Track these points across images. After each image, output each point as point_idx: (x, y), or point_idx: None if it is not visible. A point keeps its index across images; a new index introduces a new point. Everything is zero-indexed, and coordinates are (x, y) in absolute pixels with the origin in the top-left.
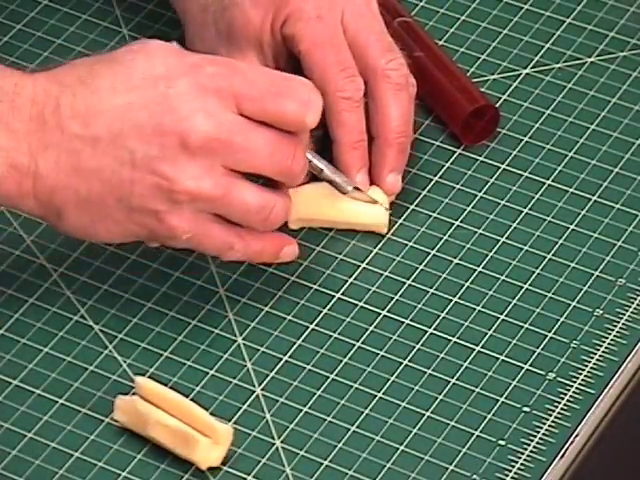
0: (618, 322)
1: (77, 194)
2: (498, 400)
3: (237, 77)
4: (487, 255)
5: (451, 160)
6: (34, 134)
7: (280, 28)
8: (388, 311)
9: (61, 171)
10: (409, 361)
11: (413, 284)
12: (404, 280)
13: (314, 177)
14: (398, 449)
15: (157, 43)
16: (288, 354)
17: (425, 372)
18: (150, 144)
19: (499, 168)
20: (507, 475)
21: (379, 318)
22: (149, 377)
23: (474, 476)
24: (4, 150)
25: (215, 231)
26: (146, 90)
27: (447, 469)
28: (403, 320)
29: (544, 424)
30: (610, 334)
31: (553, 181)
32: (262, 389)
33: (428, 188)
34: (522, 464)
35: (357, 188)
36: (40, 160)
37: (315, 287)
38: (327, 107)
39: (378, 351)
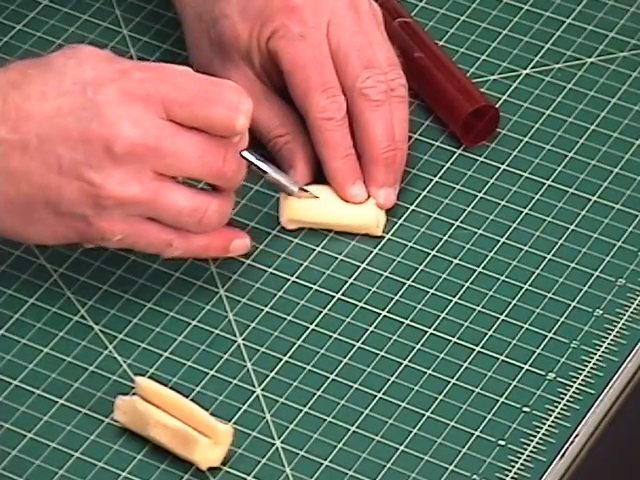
0: (618, 322)
1: (7, 197)
2: (498, 400)
3: (165, 83)
4: (487, 255)
5: (451, 160)
6: None
7: (266, 43)
8: (388, 311)
9: None
10: (409, 361)
11: (413, 284)
12: (404, 280)
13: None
14: (398, 449)
15: (89, 49)
16: (288, 354)
17: (425, 372)
18: (76, 150)
19: (499, 168)
20: (507, 475)
21: (379, 318)
22: (149, 377)
23: (474, 476)
24: None
25: (150, 230)
26: (75, 96)
27: (447, 469)
28: (403, 320)
29: (544, 424)
30: (610, 334)
31: (553, 181)
32: (262, 389)
33: (428, 188)
34: (522, 464)
35: (302, 189)
36: None
37: (315, 287)
38: (310, 128)
39: (378, 351)
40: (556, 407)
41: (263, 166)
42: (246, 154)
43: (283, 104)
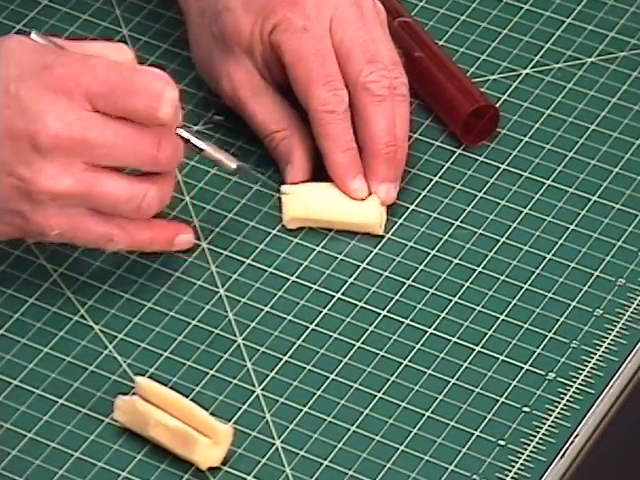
0: (618, 322)
1: None
2: (498, 400)
3: (87, 75)
4: (487, 255)
5: (451, 160)
6: None
7: (268, 36)
8: (388, 311)
9: None
10: (409, 361)
11: (413, 284)
12: (404, 280)
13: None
14: (398, 449)
15: (13, 41)
16: (288, 354)
17: (425, 372)
18: (4, 147)
19: (499, 168)
20: (507, 475)
21: (379, 318)
22: (149, 377)
23: (474, 476)
24: None
25: (89, 224)
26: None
27: (447, 469)
28: (403, 320)
29: (544, 424)
30: (610, 334)
31: (553, 181)
32: (262, 389)
33: (428, 188)
34: (522, 464)
35: (241, 166)
36: None
37: (315, 287)
38: (311, 121)
39: (378, 351)
40: (556, 407)
41: (200, 144)
42: (182, 132)
43: (282, 100)
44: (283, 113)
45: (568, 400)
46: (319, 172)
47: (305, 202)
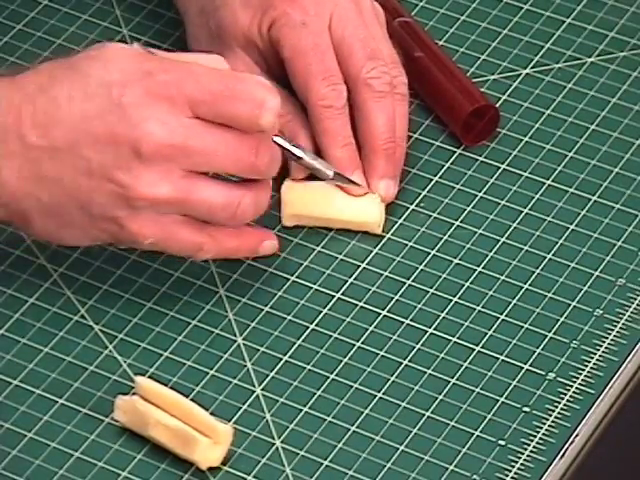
0: (618, 322)
1: (39, 201)
2: (498, 400)
3: (189, 82)
4: (487, 255)
5: (451, 160)
6: None
7: (267, 31)
8: (388, 311)
9: (23, 179)
10: (409, 361)
11: (413, 284)
12: (404, 280)
13: (312, 176)
14: (398, 449)
15: (115, 48)
16: (288, 354)
17: (425, 372)
18: (104, 153)
19: (499, 168)
20: (507, 475)
21: (379, 318)
22: (149, 377)
23: (474, 476)
24: None
25: (182, 234)
26: (101, 99)
27: (447, 469)
28: (403, 320)
29: (544, 424)
30: (610, 334)
31: (553, 181)
32: (262, 389)
33: (428, 188)
34: (522, 464)
35: (338, 173)
36: (3, 168)
37: (315, 287)
38: (310, 116)
39: (378, 351)
40: (556, 407)
41: (297, 151)
42: (279, 140)
43: (282, 90)
44: (285, 100)
45: (568, 400)
46: None
47: (304, 199)
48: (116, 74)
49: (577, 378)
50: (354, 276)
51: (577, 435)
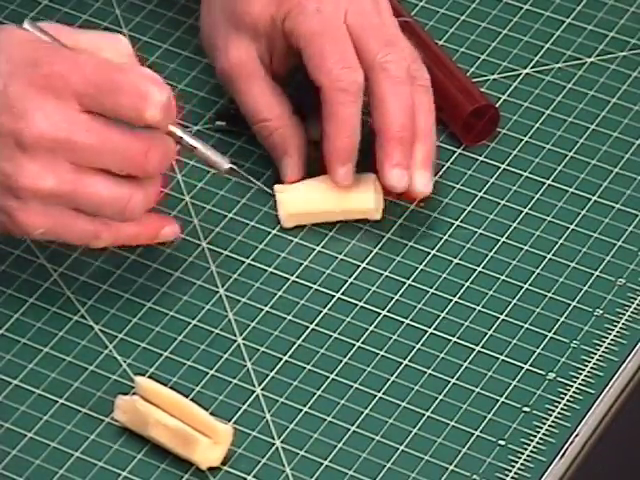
0: (618, 322)
1: None
2: (498, 400)
3: (75, 75)
4: (487, 255)
5: (451, 160)
6: None
7: (282, 23)
8: (388, 311)
9: None
10: (409, 361)
11: (413, 284)
12: (404, 280)
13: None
14: (398, 449)
15: (7, 33)
16: (288, 354)
17: (425, 372)
18: None
19: (499, 168)
20: (507, 475)
21: (379, 318)
22: (149, 377)
23: (474, 476)
24: None
25: (75, 224)
26: None
27: (447, 469)
28: (403, 320)
29: (544, 424)
30: (610, 334)
31: (553, 181)
32: (262, 389)
33: None
34: (522, 464)
35: (233, 166)
36: None
37: (315, 287)
38: (323, 101)
39: (378, 351)
40: (556, 407)
41: (192, 142)
42: (174, 129)
43: (278, 90)
44: (279, 101)
45: (568, 400)
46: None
47: (299, 197)
48: (5, 64)
49: (577, 378)
50: (354, 276)
51: (577, 435)
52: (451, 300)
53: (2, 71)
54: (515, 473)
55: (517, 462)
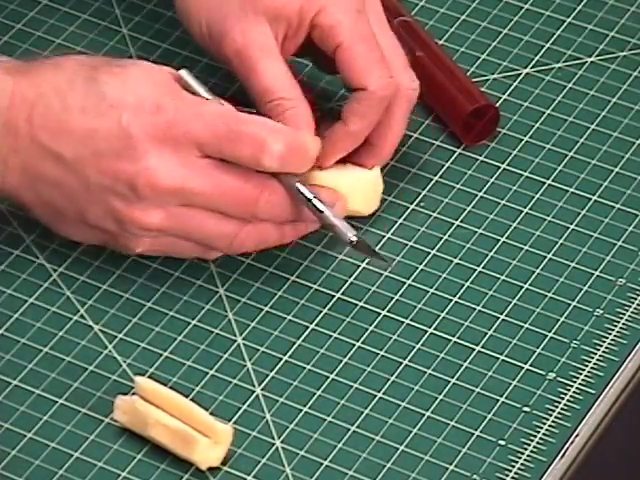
0: (618, 322)
1: (39, 198)
2: (498, 400)
3: (196, 122)
4: (487, 255)
5: (451, 160)
6: (5, 137)
7: (312, 16)
8: (388, 311)
9: (25, 174)
10: (409, 361)
11: (413, 284)
12: (404, 280)
13: None
14: (398, 449)
15: (139, 69)
16: (288, 354)
17: (425, 372)
18: (104, 175)
19: (499, 168)
20: (507, 475)
21: (379, 318)
22: (149, 377)
23: (474, 476)
24: None
25: (184, 246)
26: (111, 121)
27: (447, 469)
28: (403, 320)
29: (544, 424)
30: (610, 334)
31: (553, 181)
32: (262, 389)
33: (428, 188)
34: (522, 464)
35: (360, 240)
36: (9, 161)
37: (315, 287)
38: (360, 99)
39: (378, 351)
40: (556, 407)
41: (320, 205)
42: (302, 188)
43: (290, 72)
44: (292, 82)
45: (568, 400)
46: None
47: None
48: (130, 98)
49: (577, 378)
50: (354, 276)
51: (577, 435)
52: (451, 300)
53: (127, 105)
54: (515, 473)
55: (517, 462)
